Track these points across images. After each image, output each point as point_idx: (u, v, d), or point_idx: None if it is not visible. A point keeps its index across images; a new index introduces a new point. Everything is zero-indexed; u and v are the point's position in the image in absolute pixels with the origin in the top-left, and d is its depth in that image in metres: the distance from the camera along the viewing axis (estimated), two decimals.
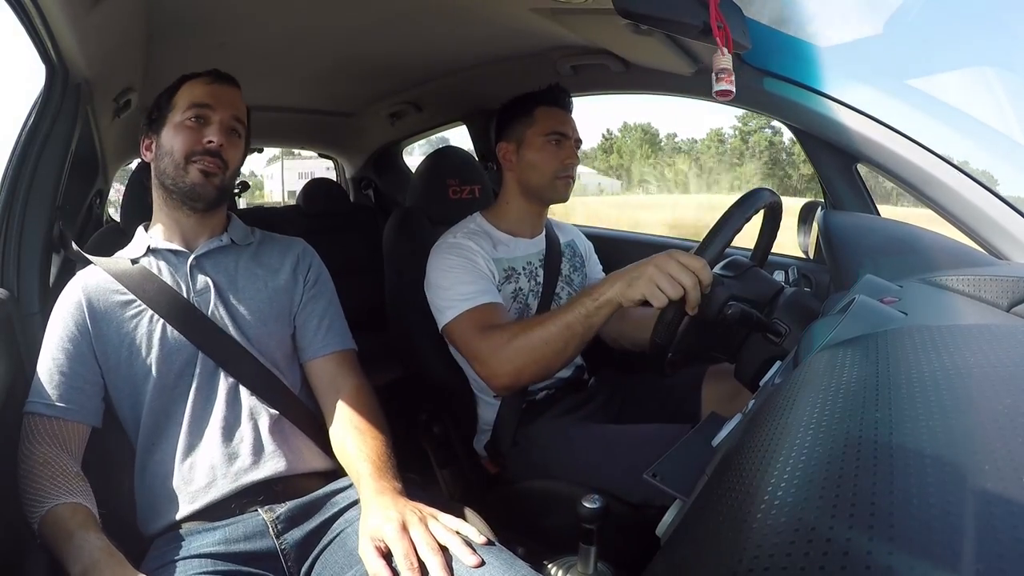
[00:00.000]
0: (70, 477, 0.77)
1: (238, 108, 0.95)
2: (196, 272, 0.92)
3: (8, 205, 0.95)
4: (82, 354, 0.85)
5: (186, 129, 0.90)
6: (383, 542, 0.69)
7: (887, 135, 1.04)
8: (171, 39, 1.22)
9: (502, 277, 1.17)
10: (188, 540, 0.79)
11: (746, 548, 0.29)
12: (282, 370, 0.94)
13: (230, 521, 0.81)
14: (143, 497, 0.86)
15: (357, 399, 0.92)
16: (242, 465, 0.85)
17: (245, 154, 1.00)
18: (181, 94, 0.92)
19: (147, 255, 0.92)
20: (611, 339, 1.30)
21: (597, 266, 1.40)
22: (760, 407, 0.49)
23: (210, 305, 0.90)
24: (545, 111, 1.21)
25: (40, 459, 0.77)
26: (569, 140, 1.21)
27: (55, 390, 0.82)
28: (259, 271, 0.96)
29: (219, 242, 0.95)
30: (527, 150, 1.21)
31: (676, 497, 0.59)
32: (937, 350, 0.43)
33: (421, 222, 1.35)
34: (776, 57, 1.11)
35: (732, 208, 0.89)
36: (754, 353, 0.87)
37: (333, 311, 1.00)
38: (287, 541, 0.81)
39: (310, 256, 1.03)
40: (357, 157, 2.41)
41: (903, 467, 0.30)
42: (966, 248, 0.93)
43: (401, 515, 0.71)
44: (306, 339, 0.97)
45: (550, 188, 1.21)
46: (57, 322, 0.86)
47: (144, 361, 0.86)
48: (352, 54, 1.47)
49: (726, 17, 0.85)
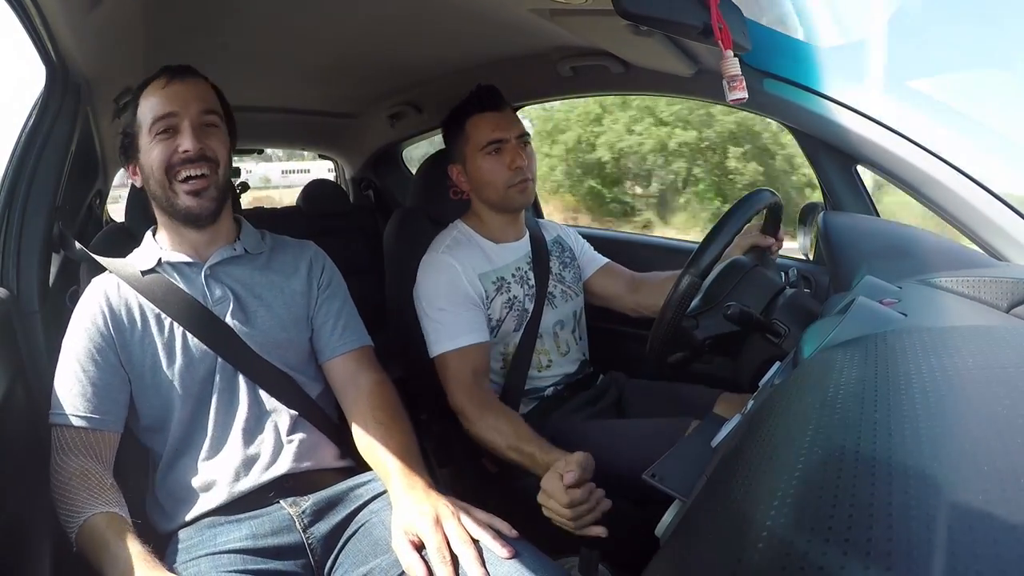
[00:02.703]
0: (105, 488, 0.78)
1: (204, 99, 0.90)
2: (212, 282, 0.91)
3: (8, 205, 0.95)
4: (111, 364, 0.85)
5: (158, 144, 0.87)
6: (417, 536, 0.70)
7: (887, 136, 1.03)
8: (171, 39, 1.21)
9: (492, 290, 1.17)
10: (214, 535, 0.80)
11: (745, 548, 0.29)
12: (301, 373, 0.95)
13: (255, 515, 0.82)
14: (163, 498, 0.87)
15: (379, 394, 0.93)
16: (264, 463, 0.86)
17: (234, 140, 0.96)
18: (141, 109, 0.89)
19: (159, 266, 0.91)
20: (630, 308, 1.32)
21: (593, 255, 1.39)
22: (759, 408, 0.49)
23: (227, 314, 0.90)
24: (475, 121, 1.18)
25: (76, 471, 0.78)
26: (509, 143, 1.17)
27: (87, 401, 0.82)
28: (275, 278, 0.96)
29: (232, 251, 0.94)
30: (472, 168, 1.19)
31: (676, 497, 0.59)
32: (937, 351, 0.43)
33: (421, 222, 1.35)
34: (776, 58, 1.11)
35: (731, 210, 0.89)
36: (754, 353, 0.87)
37: (348, 310, 1.01)
38: (314, 535, 0.81)
39: (322, 259, 1.03)
40: (357, 158, 2.41)
41: (902, 468, 0.30)
42: (966, 250, 0.93)
43: (434, 509, 0.72)
44: (323, 340, 0.97)
45: (507, 199, 1.19)
46: (80, 332, 0.86)
47: (169, 370, 0.86)
48: (352, 54, 1.47)
49: (726, 18, 0.85)
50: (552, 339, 1.24)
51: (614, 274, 1.37)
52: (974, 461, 0.29)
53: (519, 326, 1.19)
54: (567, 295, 1.28)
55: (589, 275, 1.37)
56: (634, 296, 1.31)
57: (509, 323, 1.18)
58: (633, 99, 9.10)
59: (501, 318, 1.17)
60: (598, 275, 1.37)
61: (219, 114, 0.92)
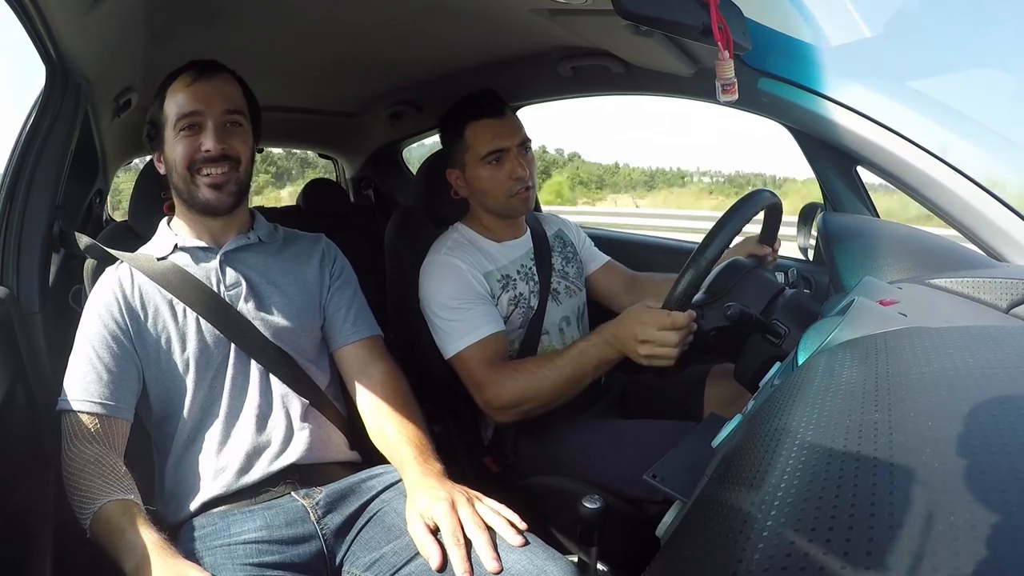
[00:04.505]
0: (119, 475, 0.78)
1: (229, 98, 0.91)
2: (226, 267, 0.92)
3: (8, 204, 0.95)
4: (126, 351, 0.86)
5: (182, 140, 0.88)
6: (432, 520, 0.72)
7: (887, 137, 1.04)
8: (171, 39, 1.21)
9: (498, 288, 1.16)
10: (228, 525, 0.80)
11: (745, 549, 0.29)
12: (312, 362, 0.96)
13: (269, 506, 0.83)
14: (173, 486, 0.87)
15: (391, 384, 0.94)
16: (275, 451, 0.87)
17: (258, 135, 0.97)
18: (168, 103, 0.90)
19: (175, 252, 0.92)
20: (626, 308, 1.32)
21: (594, 251, 1.39)
22: (759, 408, 0.49)
23: (240, 299, 0.91)
24: (476, 128, 1.14)
25: (90, 458, 0.78)
26: (510, 152, 1.13)
27: (102, 388, 0.83)
28: (289, 265, 0.97)
29: (247, 239, 0.96)
30: (472, 176, 1.16)
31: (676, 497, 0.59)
32: (936, 352, 0.43)
33: (422, 222, 1.35)
34: (776, 58, 1.11)
35: (731, 209, 0.89)
36: (754, 354, 0.88)
37: (359, 300, 1.02)
38: (327, 526, 0.82)
39: (333, 250, 1.05)
40: (357, 157, 2.41)
41: (903, 469, 0.30)
42: (965, 250, 0.93)
43: (450, 495, 0.74)
44: (335, 327, 0.98)
45: (507, 208, 1.17)
46: (94, 320, 0.86)
47: (182, 356, 0.87)
48: (352, 54, 1.47)
49: (726, 18, 0.85)
50: (559, 335, 1.23)
51: (614, 272, 1.37)
52: (975, 460, 0.29)
53: (524, 323, 1.19)
54: (571, 290, 1.28)
55: (590, 271, 1.37)
56: (630, 296, 1.30)
57: (515, 320, 1.18)
58: None
59: (507, 315, 1.17)
60: (599, 272, 1.37)
61: (243, 112, 0.93)
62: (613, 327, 0.96)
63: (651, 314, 0.90)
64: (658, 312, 0.89)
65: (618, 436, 1.08)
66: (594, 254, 1.39)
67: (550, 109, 3.20)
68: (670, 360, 0.89)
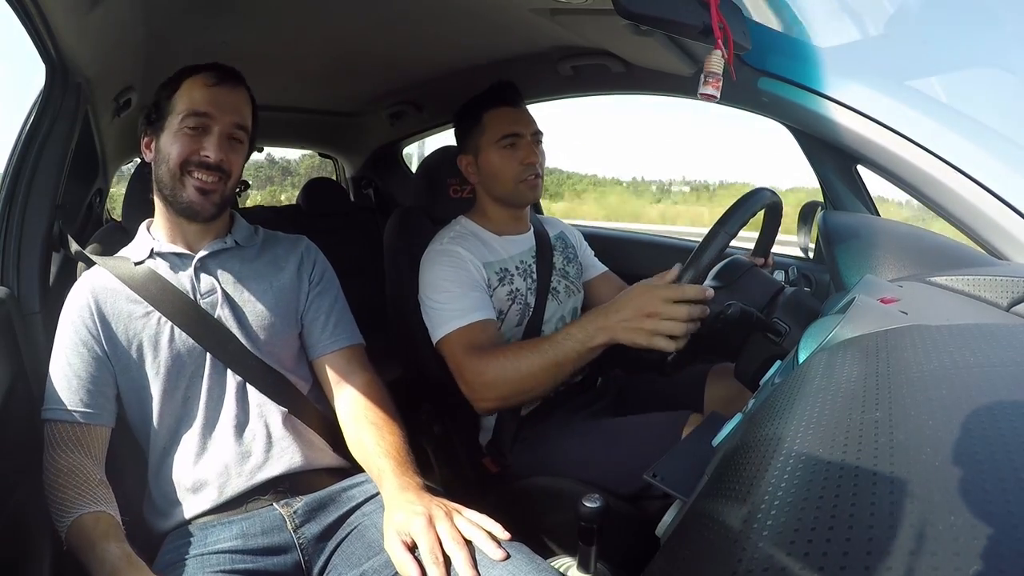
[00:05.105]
0: (93, 485, 0.77)
1: (240, 113, 0.91)
2: (201, 274, 0.91)
3: (8, 204, 0.95)
4: (97, 357, 0.85)
5: (184, 137, 0.87)
6: (410, 536, 0.69)
7: (887, 136, 1.04)
8: (171, 39, 1.21)
9: (495, 280, 1.16)
10: (205, 535, 0.79)
11: (745, 548, 0.29)
12: (290, 369, 0.94)
13: (247, 515, 0.82)
14: (157, 497, 0.86)
15: (370, 394, 0.92)
16: (256, 462, 0.85)
17: (248, 156, 0.98)
18: (180, 95, 0.89)
19: (151, 257, 0.91)
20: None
21: (591, 255, 1.40)
22: (760, 407, 0.49)
23: (216, 307, 0.89)
24: (493, 114, 1.18)
25: (65, 468, 0.78)
26: (524, 138, 1.17)
27: (75, 395, 0.82)
28: (264, 271, 0.95)
29: (223, 244, 0.94)
30: (484, 160, 1.19)
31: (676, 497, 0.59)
32: (937, 350, 0.43)
33: (422, 221, 1.35)
34: (776, 57, 1.11)
35: (731, 209, 0.89)
36: (754, 352, 0.87)
37: (340, 307, 1.00)
38: (305, 535, 0.81)
39: (314, 253, 1.02)
40: (357, 157, 2.41)
41: (903, 467, 0.30)
42: (966, 248, 0.93)
43: (427, 510, 0.71)
44: (314, 336, 0.97)
45: (515, 193, 1.19)
46: (67, 327, 0.86)
47: (154, 363, 0.86)
48: (352, 54, 1.47)
49: (726, 18, 0.85)
50: None
51: (610, 283, 1.38)
52: (975, 459, 0.29)
53: (521, 320, 1.19)
54: (571, 290, 1.28)
55: (588, 278, 1.37)
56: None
57: (512, 317, 1.18)
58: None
59: (504, 311, 1.17)
60: (596, 281, 1.38)
61: (247, 131, 0.93)
62: (605, 308, 0.93)
63: (660, 287, 0.87)
64: (668, 284, 0.87)
65: (612, 433, 1.08)
66: (593, 262, 1.39)
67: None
68: (675, 341, 0.84)
